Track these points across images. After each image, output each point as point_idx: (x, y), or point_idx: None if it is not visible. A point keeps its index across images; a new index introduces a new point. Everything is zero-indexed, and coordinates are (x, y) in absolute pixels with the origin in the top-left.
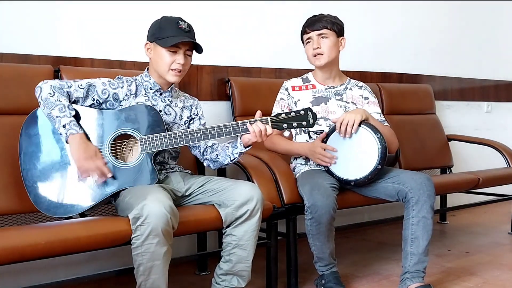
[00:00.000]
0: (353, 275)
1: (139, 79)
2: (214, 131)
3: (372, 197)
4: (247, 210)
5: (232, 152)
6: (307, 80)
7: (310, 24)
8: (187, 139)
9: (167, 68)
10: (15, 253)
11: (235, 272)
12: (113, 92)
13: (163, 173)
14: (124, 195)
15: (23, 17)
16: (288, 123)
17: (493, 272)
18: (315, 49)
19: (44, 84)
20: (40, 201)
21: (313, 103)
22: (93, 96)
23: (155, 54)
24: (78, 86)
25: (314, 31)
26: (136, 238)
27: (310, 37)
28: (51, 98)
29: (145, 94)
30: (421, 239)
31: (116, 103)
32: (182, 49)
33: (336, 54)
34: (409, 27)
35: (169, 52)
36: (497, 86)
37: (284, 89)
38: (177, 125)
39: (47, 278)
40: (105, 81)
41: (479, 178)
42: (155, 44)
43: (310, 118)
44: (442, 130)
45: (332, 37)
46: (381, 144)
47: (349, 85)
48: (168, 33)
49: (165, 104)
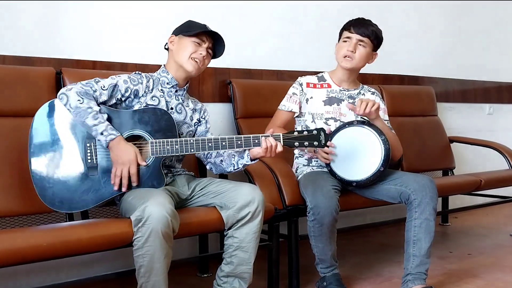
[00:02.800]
0: (355, 277)
1: (155, 74)
2: (225, 142)
3: (374, 199)
4: (248, 212)
5: (237, 161)
6: (323, 78)
7: (357, 26)
8: (197, 147)
9: (188, 56)
10: (17, 255)
11: (236, 274)
12: (134, 88)
13: (170, 176)
14: (128, 195)
15: (25, 20)
16: (300, 142)
17: (495, 274)
18: (348, 51)
19: (69, 92)
20: (46, 194)
21: (326, 102)
22: (116, 96)
23: (178, 45)
24: (102, 88)
25: (358, 34)
26: (137, 240)
27: (350, 37)
28: (82, 105)
29: (161, 89)
30: (423, 241)
31: (136, 99)
32: (205, 44)
33: (363, 64)
34: (411, 29)
35: (193, 43)
36: (499, 87)
37: (299, 84)
38: (187, 125)
39: (49, 280)
40: (126, 79)
41: (481, 180)
42: (181, 36)
43: (322, 139)
44: (444, 132)
45: (369, 48)
46: (385, 146)
47: (363, 91)
48: (196, 28)
49: (178, 102)
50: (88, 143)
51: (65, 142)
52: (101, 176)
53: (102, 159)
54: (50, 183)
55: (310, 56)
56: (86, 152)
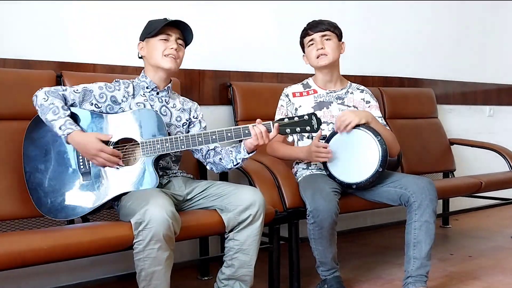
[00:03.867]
0: (355, 279)
1: (136, 80)
2: (215, 135)
3: (374, 201)
4: (249, 215)
5: (235, 157)
6: (308, 85)
7: (313, 27)
8: (188, 143)
9: (160, 55)
10: (18, 258)
11: (237, 277)
12: (110, 95)
13: (166, 178)
14: (126, 199)
15: (25, 23)
16: (291, 128)
17: (496, 276)
18: (319, 50)
19: (39, 92)
20: (42, 204)
21: (315, 108)
22: (91, 100)
23: (148, 49)
24: (74, 91)
25: (318, 32)
26: (138, 243)
27: (313, 39)
28: (45, 102)
29: (143, 94)
30: (424, 243)
31: (116, 106)
32: (172, 36)
33: (338, 56)
34: (411, 31)
35: (161, 41)
36: (499, 89)
37: (285, 96)
38: (174, 126)
39: (49, 283)
40: (101, 85)
41: (482, 182)
42: (147, 40)
43: (315, 123)
44: (444, 134)
45: (335, 39)
46: (381, 147)
47: (350, 89)
48: (156, 25)
49: (162, 104)
50: None
51: (57, 151)
52: (95, 181)
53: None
54: (46, 192)
55: None
56: (79, 159)
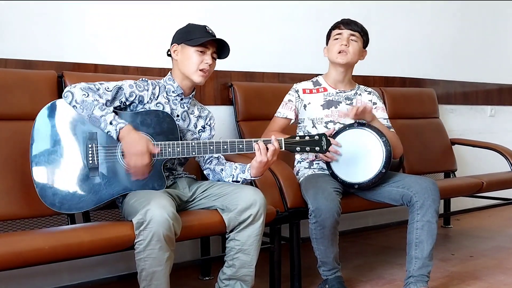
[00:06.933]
0: (357, 279)
1: (162, 82)
2: (227, 146)
3: (376, 201)
4: (250, 215)
5: (237, 174)
6: (318, 83)
7: (346, 23)
8: (199, 150)
9: (195, 68)
10: (19, 258)
11: (238, 277)
12: (139, 94)
13: (171, 178)
14: (130, 197)
15: (26, 23)
16: (301, 147)
17: (497, 276)
18: (343, 45)
19: (74, 89)
20: (46, 195)
21: (324, 106)
22: (120, 98)
23: (182, 56)
24: (106, 89)
25: (348, 30)
26: (139, 243)
27: (341, 33)
28: (87, 99)
29: (166, 97)
30: (426, 243)
31: (140, 105)
32: (210, 50)
33: (356, 60)
34: (412, 31)
35: (198, 52)
36: (500, 89)
37: (294, 91)
38: (191, 132)
39: (50, 283)
40: (131, 83)
41: (483, 182)
42: (183, 46)
43: (324, 144)
44: (446, 134)
45: (360, 43)
46: (386, 148)
47: (359, 91)
48: (197, 35)
49: (183, 110)
50: (90, 144)
51: (66, 143)
52: (102, 178)
53: (103, 161)
54: (51, 183)
55: (311, 59)
56: (88, 153)
